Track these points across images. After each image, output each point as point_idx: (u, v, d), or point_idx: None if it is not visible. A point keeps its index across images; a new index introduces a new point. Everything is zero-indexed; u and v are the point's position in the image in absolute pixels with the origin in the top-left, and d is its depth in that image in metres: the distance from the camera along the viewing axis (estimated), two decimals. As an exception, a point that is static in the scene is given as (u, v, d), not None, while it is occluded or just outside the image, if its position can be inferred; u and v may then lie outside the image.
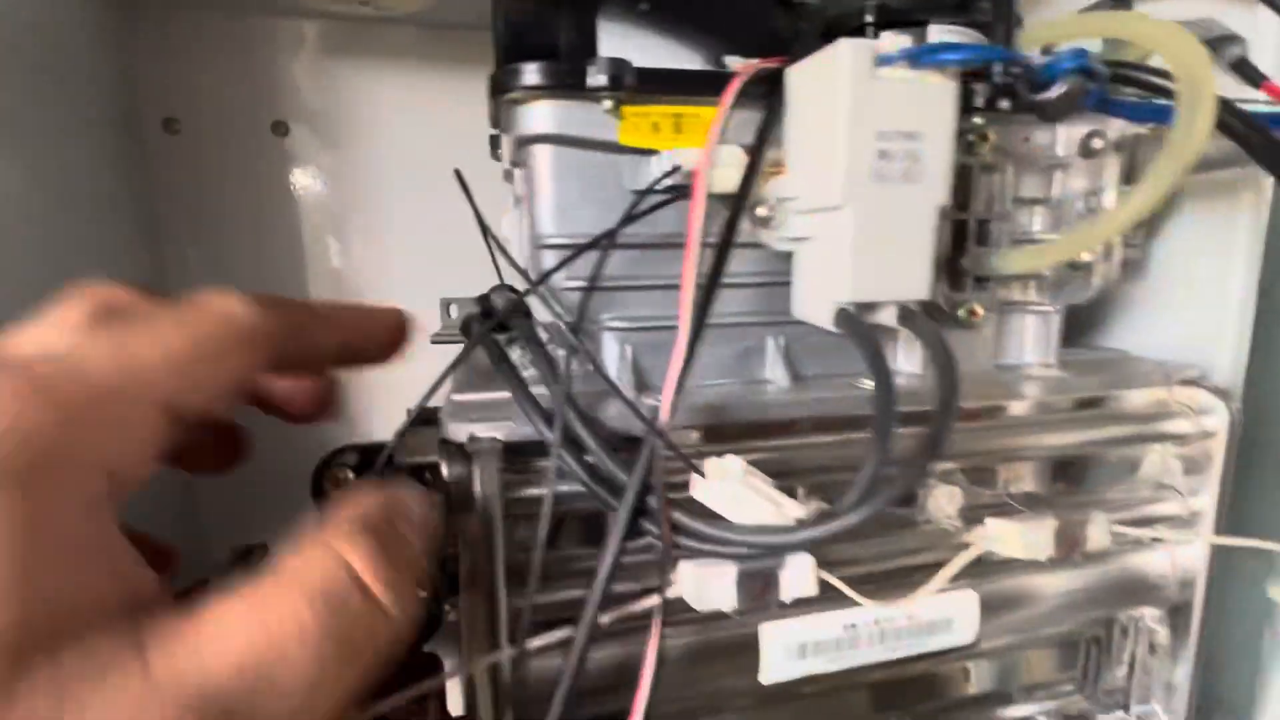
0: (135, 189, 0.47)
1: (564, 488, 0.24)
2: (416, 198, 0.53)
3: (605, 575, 0.21)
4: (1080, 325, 0.41)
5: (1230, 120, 0.23)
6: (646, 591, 0.23)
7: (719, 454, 0.23)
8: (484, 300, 0.32)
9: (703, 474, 0.21)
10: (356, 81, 0.51)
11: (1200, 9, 0.35)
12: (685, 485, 0.22)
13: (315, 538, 0.15)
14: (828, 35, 0.34)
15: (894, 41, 0.22)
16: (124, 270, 0.46)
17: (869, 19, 0.33)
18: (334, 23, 0.49)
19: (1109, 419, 0.32)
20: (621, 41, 0.30)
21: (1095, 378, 0.32)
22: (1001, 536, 0.28)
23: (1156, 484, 0.34)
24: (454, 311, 0.55)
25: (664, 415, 0.21)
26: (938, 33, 0.33)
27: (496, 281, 0.35)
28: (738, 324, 0.30)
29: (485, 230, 0.30)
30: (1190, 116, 0.23)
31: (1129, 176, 0.31)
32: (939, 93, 0.22)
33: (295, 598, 0.13)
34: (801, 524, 0.21)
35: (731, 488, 0.21)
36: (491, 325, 0.25)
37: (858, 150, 0.22)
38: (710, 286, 0.23)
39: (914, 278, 0.24)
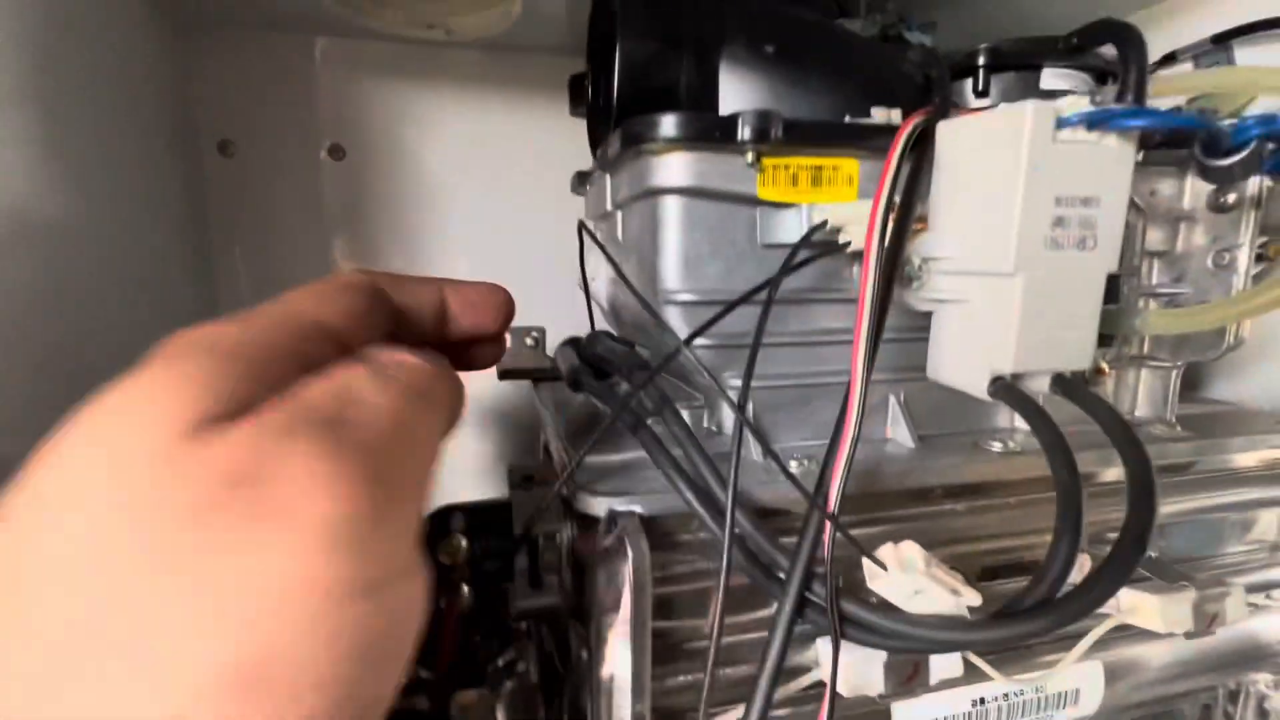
0: (190, 210, 0.46)
1: (700, 565, 0.22)
2: (474, 223, 0.51)
3: (773, 665, 0.19)
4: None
5: None
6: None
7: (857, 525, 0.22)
8: (588, 348, 0.30)
9: (882, 565, 0.20)
10: (416, 105, 0.50)
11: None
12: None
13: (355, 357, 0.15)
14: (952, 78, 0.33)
15: (1073, 104, 0.21)
16: (177, 290, 0.44)
17: (982, 61, 0.33)
18: (395, 45, 0.48)
19: (1232, 481, 0.31)
20: (739, 84, 0.29)
21: (1218, 439, 0.31)
22: (1140, 609, 0.27)
23: (1273, 545, 0.33)
24: (507, 341, 0.54)
25: (832, 503, 0.20)
26: (1050, 77, 0.33)
27: (561, 312, 0.34)
28: (859, 381, 0.28)
29: (586, 288, 0.29)
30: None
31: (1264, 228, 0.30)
32: (1118, 157, 0.21)
33: (355, 367, 0.14)
34: (978, 620, 0.19)
35: (914, 580, 0.19)
36: (630, 395, 0.24)
37: (1034, 216, 0.21)
38: (870, 360, 0.21)
39: (1079, 347, 0.22)
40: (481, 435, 0.53)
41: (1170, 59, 0.41)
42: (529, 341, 0.52)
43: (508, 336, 0.25)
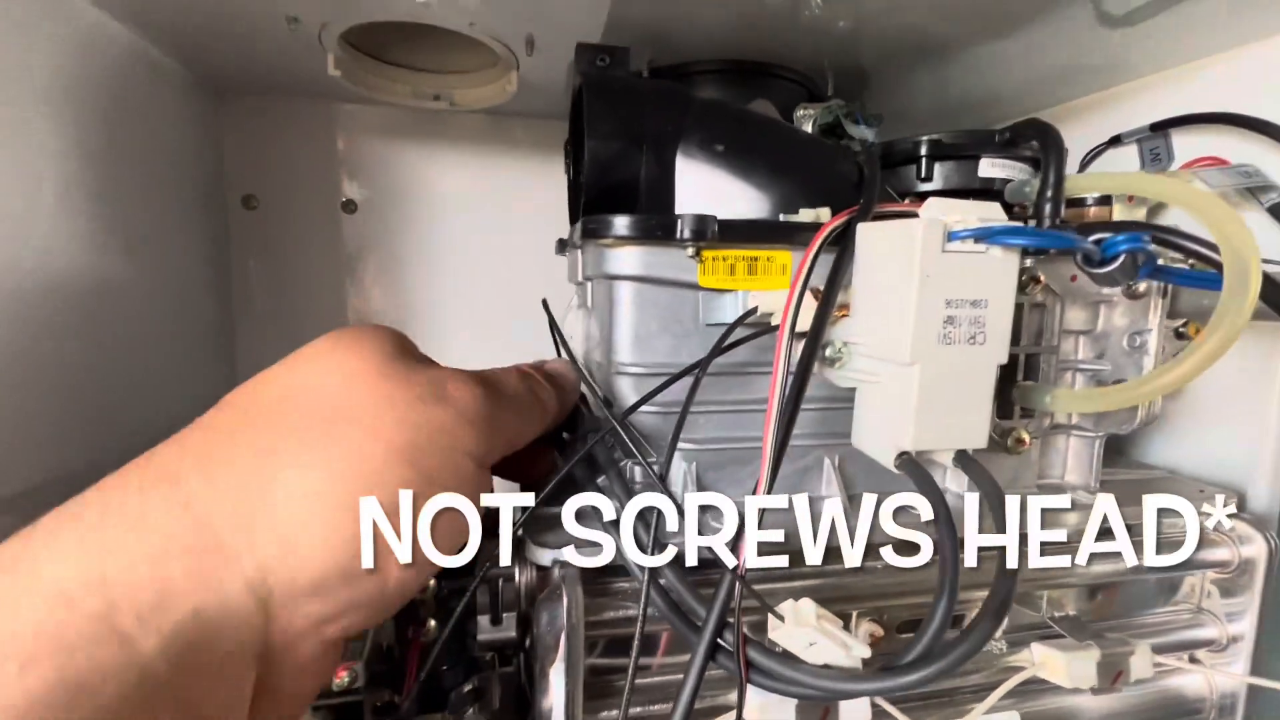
0: (215, 259, 0.50)
1: (632, 611, 0.25)
2: (473, 271, 0.55)
3: (687, 701, 0.22)
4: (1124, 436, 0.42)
5: (1276, 296, 0.25)
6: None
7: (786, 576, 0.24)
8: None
9: (781, 618, 0.23)
10: (422, 164, 0.54)
11: (1239, 149, 0.37)
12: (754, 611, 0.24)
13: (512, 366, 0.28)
14: (887, 165, 0.36)
15: (963, 219, 0.24)
16: (203, 329, 0.48)
17: (924, 153, 0.36)
18: (406, 110, 0.53)
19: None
20: (693, 178, 0.32)
21: (1136, 507, 0.33)
22: (1048, 664, 0.30)
23: (1197, 607, 0.35)
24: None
25: (743, 564, 0.23)
26: (987, 165, 0.36)
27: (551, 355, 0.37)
28: (797, 444, 0.31)
29: (574, 361, 0.32)
30: (1238, 295, 0.24)
31: (1173, 312, 0.32)
32: (1003, 265, 0.24)
33: (510, 372, 0.27)
34: (866, 669, 0.22)
35: (807, 633, 0.22)
36: (572, 462, 0.27)
37: (926, 316, 0.24)
38: (783, 435, 0.25)
39: (973, 429, 0.25)
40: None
41: (1116, 140, 0.44)
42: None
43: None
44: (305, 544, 0.18)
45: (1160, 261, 0.27)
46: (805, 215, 0.29)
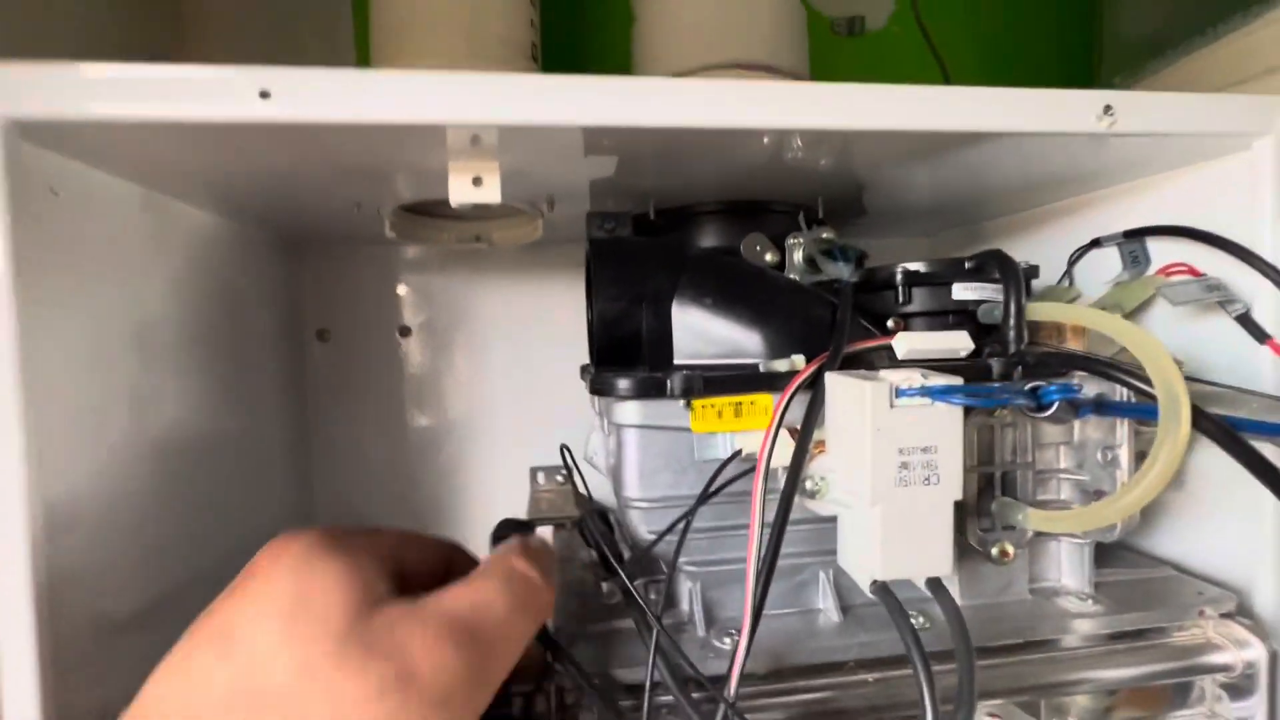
0: (292, 388, 0.58)
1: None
2: (515, 388, 0.62)
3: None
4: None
5: (1207, 426, 0.27)
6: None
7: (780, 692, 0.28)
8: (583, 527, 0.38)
9: None
10: (468, 292, 0.62)
11: (1206, 258, 0.40)
12: None
13: (496, 556, 0.26)
14: (870, 290, 0.40)
15: (907, 379, 0.28)
16: (283, 452, 0.56)
17: (899, 281, 0.40)
18: (452, 250, 0.60)
19: (1149, 652, 0.34)
20: (686, 328, 0.37)
21: (1132, 614, 0.35)
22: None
23: (1209, 711, 0.35)
24: (541, 479, 0.63)
25: (732, 689, 0.26)
26: (960, 290, 0.39)
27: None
28: (794, 562, 0.35)
29: (574, 482, 0.37)
30: (1172, 427, 0.27)
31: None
32: (949, 415, 0.28)
33: (492, 580, 0.25)
34: None
35: None
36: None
37: (882, 463, 0.28)
38: (769, 566, 0.28)
39: (936, 558, 0.28)
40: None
41: (1096, 243, 0.46)
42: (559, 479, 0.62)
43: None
44: None
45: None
46: (780, 365, 0.33)
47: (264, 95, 0.26)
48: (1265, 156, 0.36)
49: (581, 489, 0.38)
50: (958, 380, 0.28)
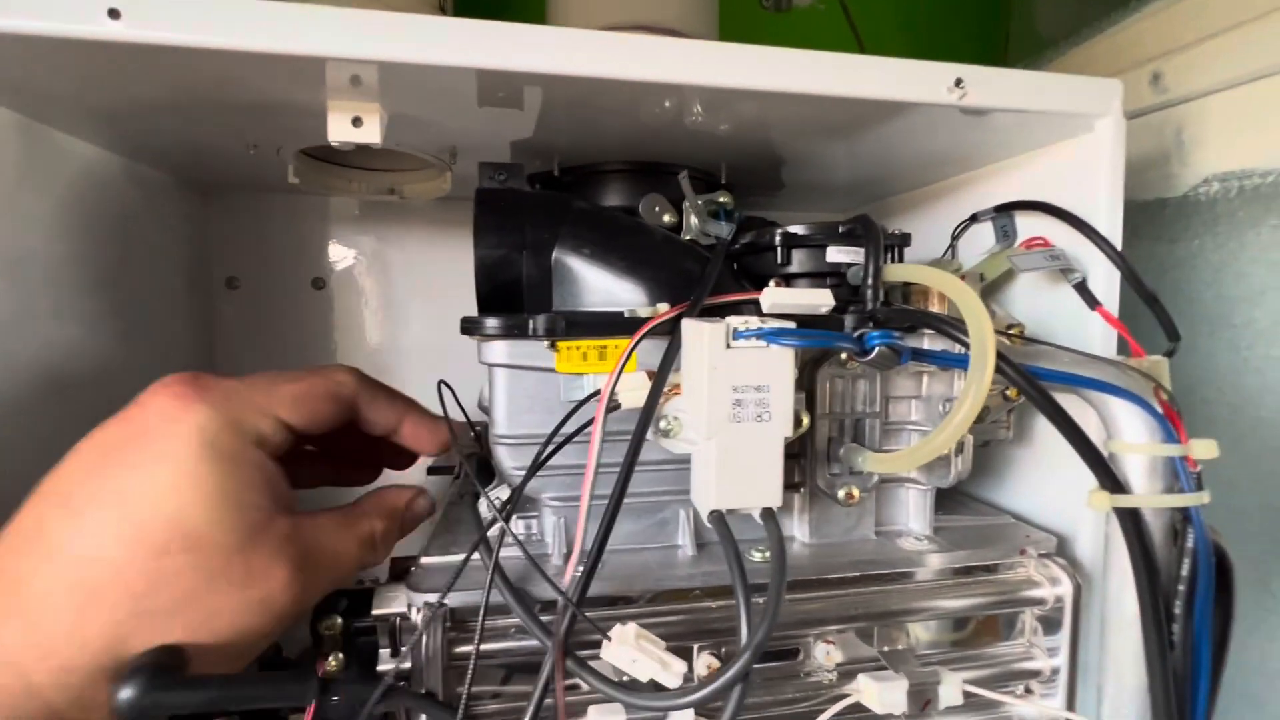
0: (199, 336, 0.58)
1: (497, 646, 0.31)
2: (426, 339, 0.62)
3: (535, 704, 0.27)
4: (984, 476, 0.47)
5: (1007, 370, 0.30)
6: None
7: (632, 618, 0.30)
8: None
9: (609, 638, 0.28)
10: (381, 244, 0.62)
11: (1057, 231, 0.43)
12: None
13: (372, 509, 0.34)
14: (755, 252, 0.42)
15: (746, 322, 0.29)
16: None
17: (779, 243, 0.42)
18: (364, 201, 0.60)
19: (975, 586, 0.38)
20: (566, 277, 0.38)
21: (962, 551, 0.38)
22: (865, 692, 0.34)
23: (1028, 643, 0.39)
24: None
25: (565, 582, 0.28)
26: (834, 253, 0.41)
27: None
28: (655, 500, 0.37)
29: (452, 422, 0.38)
30: (979, 370, 0.30)
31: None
32: (781, 357, 0.30)
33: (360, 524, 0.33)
34: (685, 686, 0.27)
35: (628, 651, 0.27)
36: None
37: (717, 400, 0.30)
38: (618, 497, 0.30)
39: (767, 490, 0.31)
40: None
41: (974, 219, 0.49)
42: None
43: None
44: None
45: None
46: (644, 311, 0.35)
47: (113, 14, 0.26)
48: (1105, 137, 0.39)
49: (455, 429, 0.39)
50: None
